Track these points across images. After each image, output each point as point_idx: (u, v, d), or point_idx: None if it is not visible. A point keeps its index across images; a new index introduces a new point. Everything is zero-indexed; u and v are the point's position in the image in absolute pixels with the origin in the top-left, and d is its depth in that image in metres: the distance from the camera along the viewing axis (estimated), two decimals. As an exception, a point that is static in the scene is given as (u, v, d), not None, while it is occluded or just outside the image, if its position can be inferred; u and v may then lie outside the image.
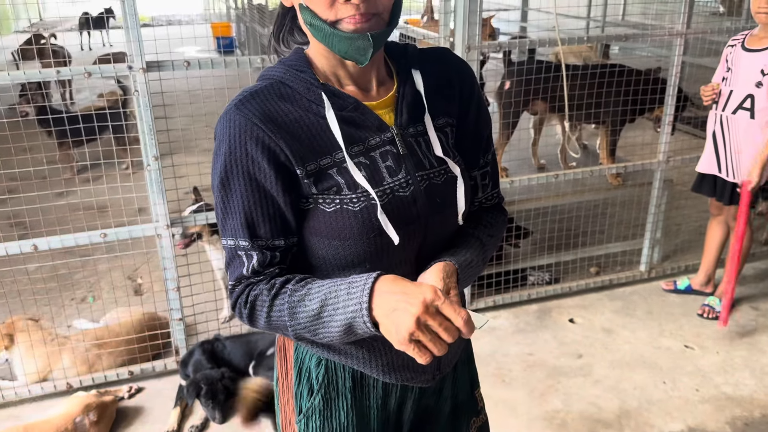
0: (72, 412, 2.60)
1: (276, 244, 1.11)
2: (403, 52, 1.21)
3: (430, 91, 1.19)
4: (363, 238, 1.10)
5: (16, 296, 3.23)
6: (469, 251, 1.19)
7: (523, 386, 2.95)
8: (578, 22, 9.81)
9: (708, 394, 2.88)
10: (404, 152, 1.14)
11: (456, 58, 1.27)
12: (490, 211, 1.32)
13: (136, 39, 2.54)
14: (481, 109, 1.26)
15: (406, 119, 1.15)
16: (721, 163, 3.18)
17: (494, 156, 1.32)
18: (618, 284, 3.76)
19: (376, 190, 1.09)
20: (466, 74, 1.25)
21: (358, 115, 1.12)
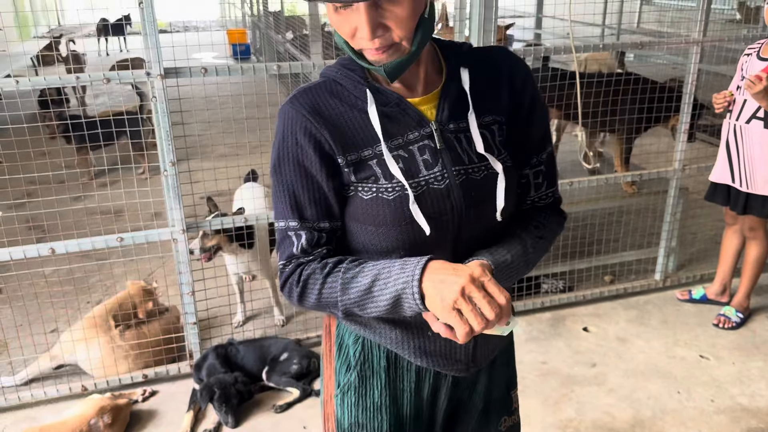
0: (86, 415, 2.63)
1: (322, 226, 1.19)
2: (456, 51, 1.23)
3: (478, 89, 1.21)
4: (396, 226, 1.16)
5: (33, 299, 3.27)
6: (510, 252, 1.21)
7: (536, 394, 2.93)
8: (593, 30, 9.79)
9: (723, 405, 2.85)
10: (441, 147, 1.18)
11: (512, 57, 1.27)
12: (544, 211, 1.33)
13: (155, 46, 2.57)
14: (534, 109, 1.26)
15: (447, 115, 1.19)
16: (735, 173, 3.16)
17: (551, 156, 1.33)
18: (632, 293, 3.74)
19: (411, 181, 1.15)
20: (521, 74, 1.25)
21: (400, 111, 1.17)
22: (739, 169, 3.13)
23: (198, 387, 2.85)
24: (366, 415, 1.33)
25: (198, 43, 3.60)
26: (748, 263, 3.35)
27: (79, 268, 3.69)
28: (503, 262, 1.18)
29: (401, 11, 1.03)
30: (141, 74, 2.63)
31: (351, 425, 1.34)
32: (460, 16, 2.94)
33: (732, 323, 3.37)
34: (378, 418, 1.33)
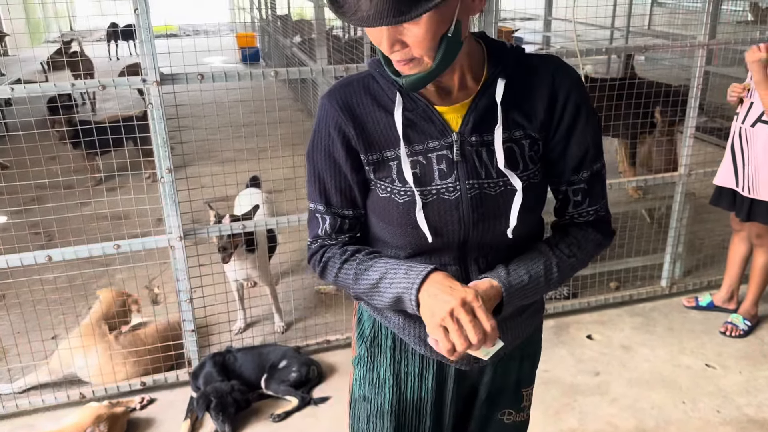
0: (83, 423, 2.61)
1: (345, 213, 1.28)
2: (502, 57, 1.20)
3: (513, 102, 1.20)
4: (402, 227, 1.23)
5: (34, 305, 3.26)
6: (530, 272, 1.22)
7: (538, 404, 2.88)
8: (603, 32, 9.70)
9: (729, 416, 2.79)
10: (458, 159, 1.19)
11: (562, 71, 1.22)
12: (583, 228, 1.29)
13: (150, 52, 2.56)
14: (575, 126, 1.22)
15: (470, 128, 1.19)
16: (739, 178, 3.10)
17: (596, 174, 1.27)
18: (638, 300, 3.68)
19: (423, 189, 1.20)
20: (565, 89, 1.21)
21: (425, 118, 1.19)
22: (744, 173, 3.07)
23: (195, 395, 2.83)
24: (371, 390, 1.43)
25: (207, 47, 3.60)
26: (756, 271, 3.29)
27: (80, 274, 3.69)
28: (518, 284, 1.20)
29: (419, 30, 1.03)
30: (137, 81, 2.62)
31: (360, 397, 1.46)
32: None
33: (739, 331, 3.31)
34: (381, 394, 1.42)
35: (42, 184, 3.14)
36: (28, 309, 3.15)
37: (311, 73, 3.01)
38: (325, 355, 3.21)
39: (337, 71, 2.97)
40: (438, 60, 1.06)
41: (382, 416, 1.42)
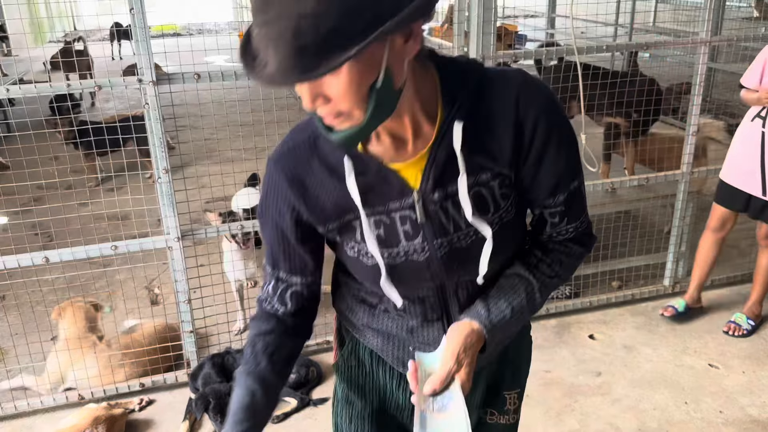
0: (81, 425, 2.61)
1: (293, 280, 1.23)
2: (455, 92, 1.06)
3: (475, 144, 1.07)
4: (375, 285, 1.19)
5: (34, 306, 3.26)
6: (511, 304, 1.18)
7: (538, 405, 2.86)
8: (607, 29, 9.65)
9: (732, 417, 2.76)
10: (422, 221, 1.11)
11: (525, 93, 1.07)
12: (563, 243, 1.23)
13: (147, 51, 2.54)
14: (547, 153, 1.10)
15: (431, 185, 1.09)
16: (761, 182, 2.97)
17: (573, 195, 1.17)
18: (640, 299, 3.65)
19: (390, 250, 1.13)
20: (533, 115, 1.06)
21: (380, 179, 1.09)
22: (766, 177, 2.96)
23: (194, 396, 2.82)
24: (353, 394, 1.41)
25: (213, 46, 3.58)
26: (761, 270, 3.25)
27: (80, 275, 3.68)
28: (500, 320, 1.16)
29: (339, 83, 0.90)
30: (133, 81, 2.61)
31: (342, 398, 1.44)
32: (459, 18, 2.88)
33: (743, 330, 3.28)
34: (362, 400, 1.41)
35: (42, 185, 3.14)
36: (26, 310, 3.14)
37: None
38: (325, 356, 3.19)
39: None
40: (369, 113, 0.93)
41: (363, 419, 1.41)
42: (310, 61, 0.85)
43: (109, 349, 3.01)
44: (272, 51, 0.87)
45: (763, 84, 2.91)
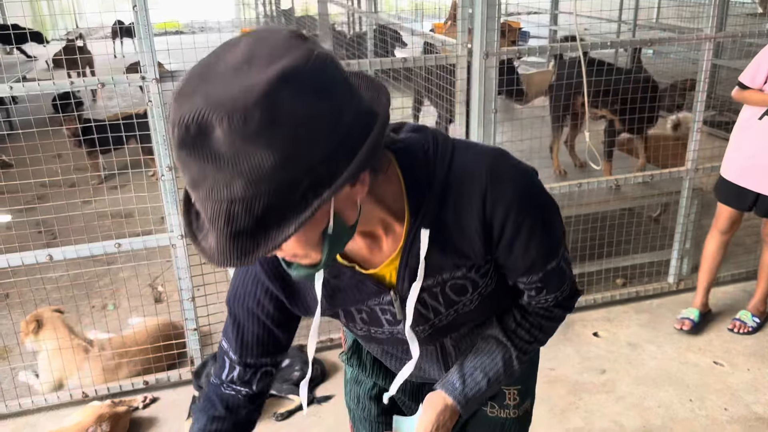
0: (85, 423, 2.61)
1: (263, 361, 1.20)
2: (419, 196, 1.02)
3: (445, 246, 1.05)
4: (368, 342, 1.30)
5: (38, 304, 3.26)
6: (488, 375, 1.20)
7: (542, 403, 2.85)
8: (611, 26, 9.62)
9: (737, 414, 2.75)
10: (400, 317, 1.13)
11: (491, 188, 1.01)
12: (544, 309, 1.22)
13: (150, 49, 2.54)
14: (516, 243, 1.05)
15: (407, 285, 1.09)
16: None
17: (549, 274, 1.13)
18: (645, 296, 3.64)
19: (375, 329, 1.17)
20: (500, 212, 1.02)
21: (355, 284, 1.10)
22: None
23: (197, 394, 2.82)
24: (359, 377, 1.49)
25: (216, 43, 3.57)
26: (766, 267, 3.24)
27: (84, 273, 3.68)
28: (476, 393, 1.20)
29: (288, 241, 0.86)
30: (136, 78, 2.60)
31: (351, 379, 1.53)
32: (462, 14, 2.87)
33: (748, 328, 3.27)
34: (368, 383, 1.48)
35: (46, 183, 3.13)
36: (30, 308, 3.14)
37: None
38: (329, 354, 3.18)
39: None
40: (325, 255, 0.91)
41: (369, 399, 1.49)
42: (247, 244, 0.81)
43: (103, 352, 3.00)
44: (209, 229, 0.82)
45: (753, 82, 2.90)
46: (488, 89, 2.91)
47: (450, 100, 3.03)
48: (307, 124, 0.76)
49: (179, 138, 0.76)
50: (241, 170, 0.76)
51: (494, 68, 2.90)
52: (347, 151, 0.81)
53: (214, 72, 0.78)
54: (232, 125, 0.73)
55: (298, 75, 0.76)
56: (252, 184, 0.76)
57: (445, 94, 3.14)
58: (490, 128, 2.97)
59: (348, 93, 0.82)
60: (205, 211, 0.81)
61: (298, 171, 0.77)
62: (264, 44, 0.79)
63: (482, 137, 2.98)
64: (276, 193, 0.78)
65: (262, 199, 0.78)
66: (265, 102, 0.73)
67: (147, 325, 3.16)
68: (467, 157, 1.03)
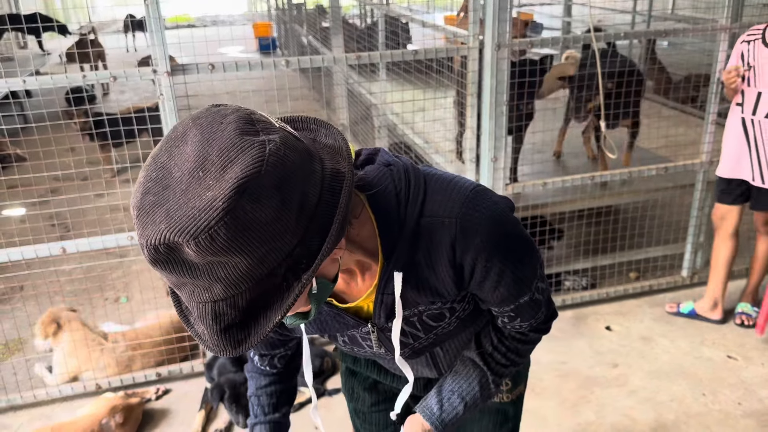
0: (98, 414, 2.63)
1: (276, 352, 1.33)
2: (393, 246, 1.02)
3: (419, 284, 1.06)
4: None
5: (52, 296, 3.29)
6: (465, 399, 1.23)
7: (554, 396, 2.85)
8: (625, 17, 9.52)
9: (751, 408, 2.73)
10: (379, 348, 1.18)
11: (461, 237, 1.01)
12: (520, 333, 1.23)
13: (161, 42, 2.54)
14: (486, 284, 1.06)
15: (384, 319, 1.12)
16: (754, 170, 2.97)
17: (522, 306, 1.14)
18: (658, 290, 3.61)
19: (358, 349, 1.22)
20: (469, 258, 1.02)
21: (334, 317, 1.14)
22: (759, 165, 2.94)
23: (209, 386, 2.83)
24: (354, 369, 1.52)
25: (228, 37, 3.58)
26: (759, 256, 3.21)
27: (97, 266, 3.71)
28: (453, 417, 1.23)
29: None
30: (148, 72, 2.61)
31: (346, 370, 1.55)
32: (474, 5, 2.85)
33: (753, 320, 3.24)
34: (363, 374, 1.51)
35: (59, 176, 3.15)
36: (44, 300, 3.17)
37: (323, 61, 2.97)
38: (340, 346, 3.19)
39: (348, 60, 2.93)
40: (314, 308, 0.93)
41: (363, 390, 1.53)
42: (238, 334, 0.83)
43: (116, 346, 3.02)
44: (201, 323, 0.83)
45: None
46: (500, 81, 2.89)
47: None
48: (274, 222, 0.76)
49: (150, 257, 0.76)
50: (218, 276, 0.77)
51: (506, 60, 2.88)
52: (319, 227, 0.81)
53: (170, 179, 0.76)
54: (200, 245, 0.73)
55: (256, 183, 0.74)
56: (231, 286, 0.78)
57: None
58: (501, 120, 2.95)
59: (310, 170, 0.82)
60: (191, 309, 0.83)
61: (274, 262, 0.78)
62: (213, 144, 0.76)
63: (493, 130, 2.96)
64: (257, 286, 0.79)
65: (244, 295, 0.79)
66: (227, 218, 0.73)
67: (160, 320, 3.17)
68: (438, 203, 1.02)
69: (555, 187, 3.29)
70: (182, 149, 0.77)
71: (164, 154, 0.78)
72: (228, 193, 0.73)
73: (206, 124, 0.78)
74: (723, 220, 3.16)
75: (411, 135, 4.04)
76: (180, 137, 0.79)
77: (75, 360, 2.95)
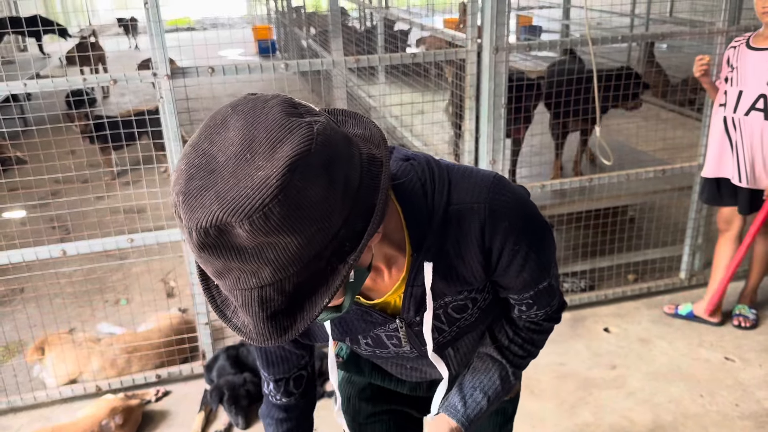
0: (98, 415, 2.64)
1: (292, 373, 1.27)
2: (422, 237, 1.03)
3: (448, 275, 1.08)
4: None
5: (53, 298, 3.30)
6: (487, 393, 1.23)
7: (552, 398, 2.86)
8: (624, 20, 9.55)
9: (748, 410, 2.74)
10: (405, 342, 1.17)
11: (489, 220, 1.03)
12: (534, 323, 1.24)
13: (161, 46, 2.56)
14: (512, 267, 1.08)
15: (412, 313, 1.12)
16: (741, 169, 2.99)
17: (541, 291, 1.16)
18: (656, 292, 3.62)
19: (380, 351, 1.20)
20: (498, 241, 1.04)
21: (361, 315, 1.12)
22: (742, 163, 2.97)
23: (209, 388, 2.84)
24: (354, 374, 1.49)
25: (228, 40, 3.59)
26: (757, 258, 3.23)
27: (98, 268, 3.72)
28: (477, 412, 1.22)
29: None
30: (148, 75, 2.62)
31: (343, 379, 1.53)
32: (472, 8, 2.86)
33: (750, 321, 3.26)
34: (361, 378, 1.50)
35: (60, 179, 3.16)
36: (44, 302, 3.18)
37: (322, 65, 2.99)
38: (339, 348, 3.19)
39: (348, 63, 2.95)
40: (348, 300, 0.93)
41: (360, 400, 1.51)
42: (284, 321, 0.82)
43: (110, 348, 3.03)
44: (243, 315, 0.83)
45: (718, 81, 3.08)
46: (498, 84, 2.91)
47: None
48: (322, 202, 0.77)
49: (199, 242, 0.76)
50: (267, 259, 0.77)
51: (504, 63, 2.89)
52: (362, 210, 0.83)
53: (215, 164, 0.76)
54: (254, 225, 0.73)
55: (307, 161, 0.75)
56: (280, 269, 0.78)
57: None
58: (499, 123, 2.96)
59: (351, 153, 0.83)
60: (235, 298, 0.82)
61: (321, 244, 0.79)
62: (259, 127, 0.77)
63: (492, 133, 2.97)
64: (304, 270, 0.79)
65: (291, 279, 0.79)
66: (281, 196, 0.73)
67: (160, 324, 3.18)
68: (464, 190, 1.04)
69: (553, 189, 3.30)
70: (224, 135, 0.78)
71: (205, 141, 0.78)
72: (281, 171, 0.73)
73: (248, 110, 0.79)
74: (728, 224, 3.18)
75: (410, 137, 4.06)
76: (220, 124, 0.79)
77: (64, 366, 2.96)
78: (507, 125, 3.01)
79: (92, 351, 2.99)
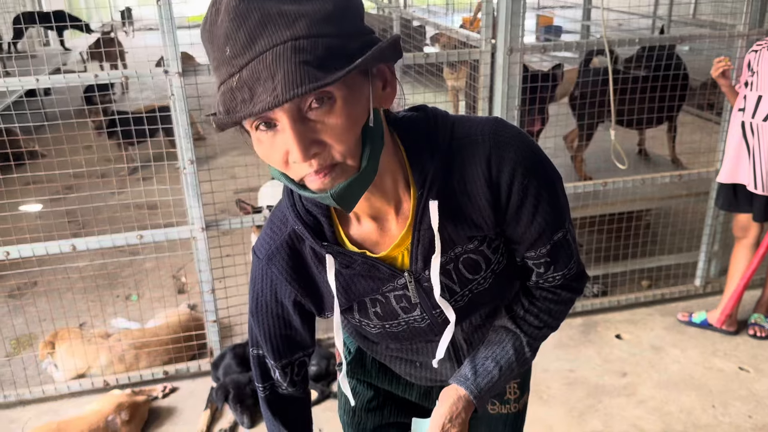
0: (104, 411, 2.65)
1: (296, 357, 1.24)
2: (425, 171, 1.01)
3: (455, 215, 1.04)
4: (383, 340, 1.25)
5: (65, 292, 3.32)
6: (499, 363, 1.18)
7: (561, 405, 2.82)
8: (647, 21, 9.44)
9: (762, 422, 2.68)
10: (416, 300, 1.12)
11: (495, 151, 1.01)
12: (552, 291, 1.19)
13: (172, 43, 2.56)
14: (524, 207, 1.05)
15: (421, 265, 1.08)
16: (757, 176, 2.93)
17: (558, 243, 1.12)
18: (670, 299, 3.57)
19: (390, 322, 1.16)
20: (507, 174, 1.01)
21: (368, 269, 1.09)
22: (758, 170, 2.91)
23: (215, 385, 2.84)
24: (359, 385, 1.47)
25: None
26: None
27: (109, 263, 3.74)
28: (488, 383, 1.17)
29: (335, 120, 0.85)
30: (159, 72, 2.62)
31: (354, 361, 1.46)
32: (486, 9, 2.83)
33: (766, 331, 3.19)
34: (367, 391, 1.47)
35: (77, 173, 3.17)
36: (54, 297, 3.20)
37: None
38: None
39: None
40: (366, 159, 0.89)
41: (365, 411, 1.48)
42: (314, 73, 0.80)
43: (119, 344, 3.04)
44: (271, 75, 0.81)
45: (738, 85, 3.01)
46: (512, 85, 2.88)
47: None
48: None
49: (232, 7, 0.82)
50: (305, 11, 0.82)
51: (518, 64, 2.86)
52: (371, 46, 0.87)
53: None
54: None
55: None
56: (315, 24, 0.82)
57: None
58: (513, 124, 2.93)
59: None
60: (266, 61, 0.81)
61: (349, 28, 0.85)
62: None
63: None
64: (336, 38, 0.83)
65: (323, 40, 0.82)
66: None
67: (169, 320, 3.19)
68: (468, 125, 1.04)
69: (567, 192, 3.25)
70: None
71: None
72: None
73: None
74: (745, 231, 3.11)
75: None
76: None
77: (72, 362, 2.98)
78: (522, 126, 2.98)
79: (101, 346, 3.01)
